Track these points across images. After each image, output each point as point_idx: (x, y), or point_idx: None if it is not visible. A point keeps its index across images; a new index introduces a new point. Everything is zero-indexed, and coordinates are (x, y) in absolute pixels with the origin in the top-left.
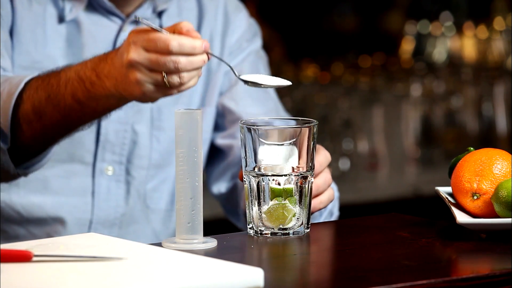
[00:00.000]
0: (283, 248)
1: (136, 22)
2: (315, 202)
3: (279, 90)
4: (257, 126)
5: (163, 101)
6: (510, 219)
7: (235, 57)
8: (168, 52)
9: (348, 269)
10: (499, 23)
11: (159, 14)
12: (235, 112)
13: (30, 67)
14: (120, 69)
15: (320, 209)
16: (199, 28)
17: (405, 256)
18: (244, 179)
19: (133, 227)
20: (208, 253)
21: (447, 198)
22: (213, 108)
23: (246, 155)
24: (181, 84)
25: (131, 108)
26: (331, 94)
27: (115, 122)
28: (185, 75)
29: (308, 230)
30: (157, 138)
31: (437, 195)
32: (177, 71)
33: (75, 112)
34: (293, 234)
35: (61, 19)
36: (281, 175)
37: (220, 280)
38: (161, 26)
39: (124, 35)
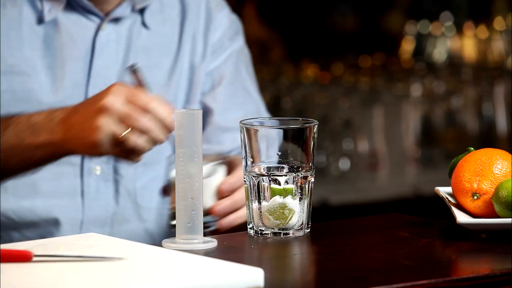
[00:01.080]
0: (283, 248)
1: (131, 67)
2: (232, 218)
3: (279, 90)
4: (256, 126)
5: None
6: (510, 219)
7: (217, 57)
8: (144, 109)
9: (348, 269)
10: (499, 23)
11: (141, 11)
12: (214, 115)
13: (9, 71)
14: (87, 112)
15: (239, 224)
16: (182, 26)
17: (405, 256)
18: (244, 179)
19: (125, 226)
20: (208, 253)
21: (447, 198)
22: (197, 105)
23: (246, 155)
24: (132, 148)
25: None
26: (331, 94)
27: None
28: (141, 142)
29: (308, 230)
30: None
31: (437, 195)
32: (142, 131)
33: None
34: (293, 234)
35: (40, 20)
36: (281, 175)
37: (220, 280)
38: (143, 24)
39: (102, 34)
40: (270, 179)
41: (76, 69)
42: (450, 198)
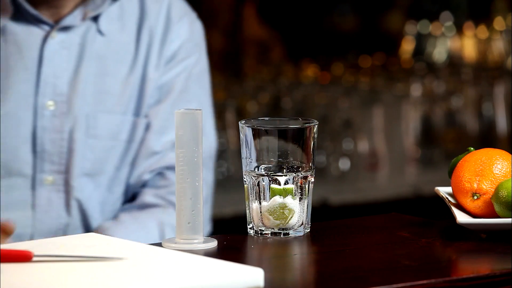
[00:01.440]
0: (283, 248)
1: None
2: None
3: (279, 90)
4: (257, 126)
5: (99, 108)
6: (510, 219)
7: (170, 70)
8: None
9: (348, 269)
10: (499, 23)
11: (95, 19)
12: (150, 133)
13: None
14: None
15: None
16: (139, 34)
17: (405, 256)
18: (244, 179)
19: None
20: (208, 253)
21: (447, 198)
22: (144, 118)
23: (246, 155)
24: None
25: (67, 116)
26: (331, 94)
27: (50, 131)
28: None
29: (308, 230)
30: (91, 147)
31: (437, 195)
32: None
33: None
34: (293, 234)
35: None
36: (281, 175)
37: (220, 280)
38: (99, 31)
39: (52, 43)
40: (270, 179)
41: (23, 79)
42: (450, 198)
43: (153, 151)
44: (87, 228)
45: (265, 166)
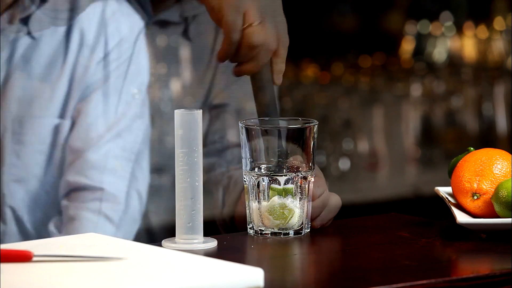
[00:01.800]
0: (283, 248)
1: None
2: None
3: (279, 90)
4: (257, 126)
5: (24, 112)
6: (510, 219)
7: (102, 69)
8: None
9: (348, 269)
10: (499, 23)
11: (25, 22)
12: (74, 131)
13: None
14: None
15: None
16: (68, 35)
17: (405, 256)
18: (244, 179)
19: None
20: (208, 253)
21: (447, 198)
22: (69, 120)
23: (246, 155)
24: None
25: None
26: (331, 94)
27: None
28: None
29: (308, 230)
30: (16, 153)
31: (437, 195)
32: None
33: None
34: (293, 234)
35: None
36: (281, 175)
37: (220, 280)
38: (29, 33)
39: None
40: (270, 179)
41: None
42: (450, 198)
43: (75, 149)
44: (24, 234)
45: (265, 166)
